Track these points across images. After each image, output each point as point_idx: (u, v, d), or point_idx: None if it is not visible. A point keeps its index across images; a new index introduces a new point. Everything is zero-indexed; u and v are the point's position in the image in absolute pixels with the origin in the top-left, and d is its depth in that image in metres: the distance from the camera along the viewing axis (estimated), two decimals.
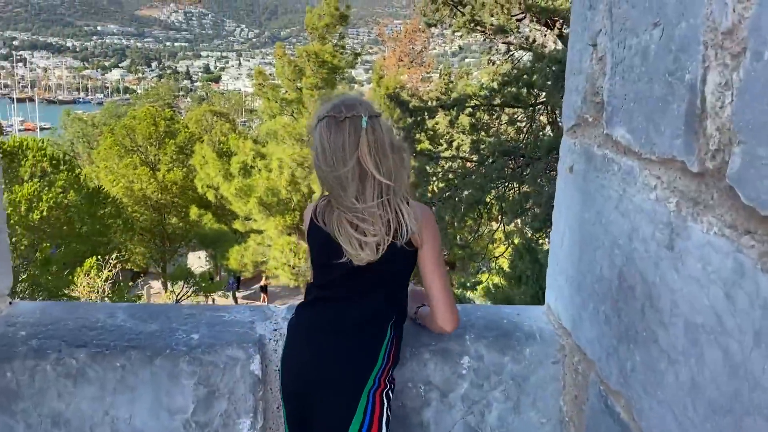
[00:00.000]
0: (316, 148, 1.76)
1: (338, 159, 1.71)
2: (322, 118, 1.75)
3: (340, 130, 1.72)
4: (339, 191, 1.71)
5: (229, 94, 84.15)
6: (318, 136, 1.75)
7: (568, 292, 1.91)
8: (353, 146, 1.71)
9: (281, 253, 20.33)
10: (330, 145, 1.72)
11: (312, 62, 20.44)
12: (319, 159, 1.74)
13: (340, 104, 1.76)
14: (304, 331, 1.80)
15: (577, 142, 1.89)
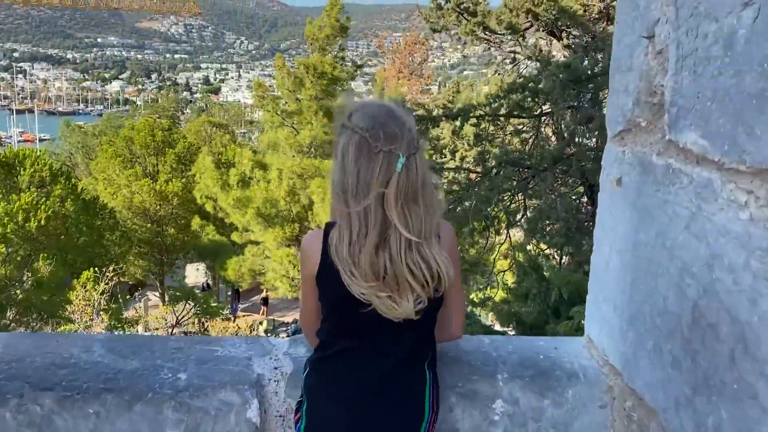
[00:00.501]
0: (338, 160, 1.52)
1: (360, 193, 1.47)
2: (355, 132, 1.50)
3: (370, 162, 1.47)
4: (357, 235, 1.47)
5: (228, 106, 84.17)
6: (342, 151, 1.51)
7: (617, 324, 1.64)
8: (380, 186, 1.46)
9: (280, 264, 20.07)
10: (354, 173, 1.48)
11: (312, 74, 20.30)
12: (338, 177, 1.51)
13: (379, 129, 1.50)
14: (335, 394, 1.54)
15: (627, 150, 1.63)
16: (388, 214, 1.45)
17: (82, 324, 14.88)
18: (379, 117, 1.52)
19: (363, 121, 1.51)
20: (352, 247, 1.46)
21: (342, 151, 1.50)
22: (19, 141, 75.52)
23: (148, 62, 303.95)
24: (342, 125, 1.54)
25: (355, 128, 1.50)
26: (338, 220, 1.50)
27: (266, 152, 21.24)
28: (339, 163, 1.50)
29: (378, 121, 1.51)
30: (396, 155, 1.47)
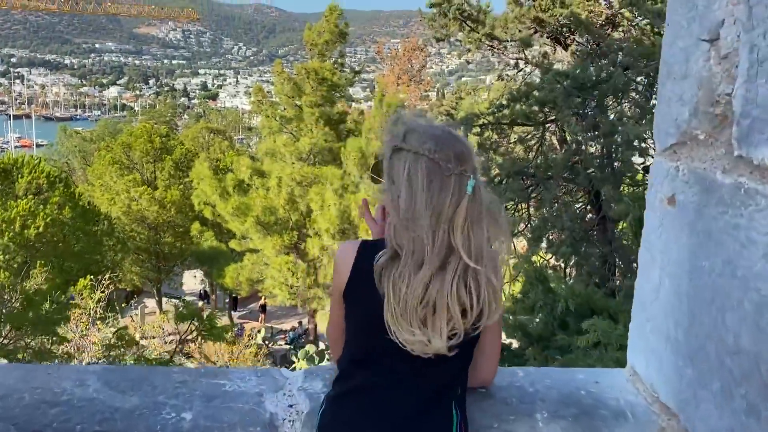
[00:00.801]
0: (403, 185, 1.39)
1: (430, 218, 1.34)
2: (422, 155, 1.38)
3: (442, 187, 1.36)
4: (415, 262, 1.35)
5: (226, 112, 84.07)
6: (409, 175, 1.38)
7: (671, 359, 1.48)
8: (450, 212, 1.36)
9: (279, 272, 19.90)
10: (424, 198, 1.36)
11: (311, 79, 20.18)
12: (405, 203, 1.37)
13: (449, 150, 1.39)
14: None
15: (683, 165, 1.47)
16: (453, 240, 1.35)
17: (77, 333, 14.68)
18: (444, 138, 1.42)
19: (428, 143, 1.39)
20: (405, 274, 1.34)
21: (408, 175, 1.37)
22: (16, 146, 75.38)
23: (145, 68, 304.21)
24: (396, 147, 1.42)
25: (421, 150, 1.38)
26: (390, 241, 1.38)
27: (264, 159, 21.09)
28: (406, 188, 1.37)
29: (445, 143, 1.41)
30: (466, 177, 1.38)
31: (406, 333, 1.33)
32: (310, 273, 19.91)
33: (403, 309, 1.32)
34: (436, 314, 1.33)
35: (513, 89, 9.88)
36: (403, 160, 1.39)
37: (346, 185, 17.69)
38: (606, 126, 8.54)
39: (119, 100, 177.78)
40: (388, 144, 1.46)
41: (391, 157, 1.43)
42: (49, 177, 22.81)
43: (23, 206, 20.11)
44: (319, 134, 19.48)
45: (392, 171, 1.41)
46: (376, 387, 1.41)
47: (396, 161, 1.41)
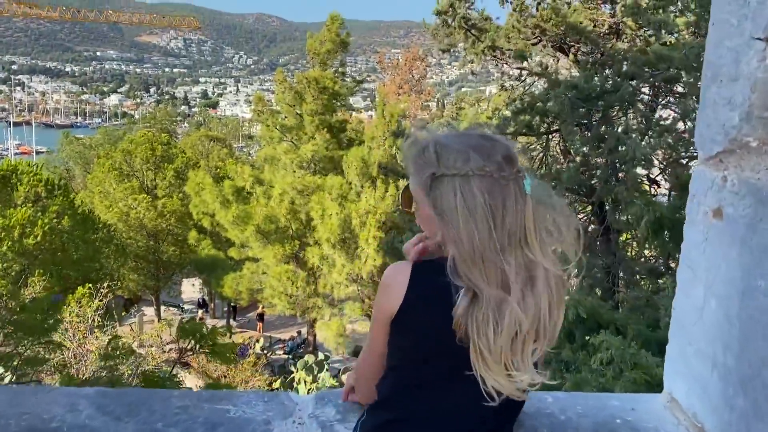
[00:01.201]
0: (452, 217, 1.24)
1: (495, 247, 1.20)
2: (470, 175, 1.23)
3: (505, 202, 1.22)
4: (494, 298, 1.21)
5: (226, 120, 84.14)
6: (466, 205, 1.23)
7: (718, 386, 1.35)
8: (520, 225, 1.22)
9: (278, 281, 19.75)
10: (488, 226, 1.21)
11: (312, 88, 20.14)
12: (459, 236, 1.22)
13: (496, 154, 1.26)
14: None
15: (731, 175, 1.35)
16: (531, 253, 1.22)
17: (75, 342, 14.51)
18: (484, 145, 1.29)
19: (472, 158, 1.25)
20: (490, 316, 1.20)
21: (465, 204, 1.22)
22: (15, 153, 75.28)
23: (146, 76, 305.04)
24: (436, 175, 1.26)
25: (469, 170, 1.23)
26: (463, 279, 1.23)
27: (264, 167, 21.00)
28: (464, 219, 1.21)
29: (489, 150, 1.27)
30: (522, 177, 1.25)
31: (500, 378, 1.21)
32: (310, 282, 19.76)
33: (496, 356, 1.20)
34: (526, 346, 1.22)
35: (519, 99, 9.78)
36: (451, 188, 1.24)
37: (346, 194, 17.58)
38: (612, 138, 8.43)
39: (120, 108, 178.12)
40: (421, 173, 1.30)
41: (432, 186, 1.27)
42: (47, 184, 22.69)
43: (22, 214, 20.01)
44: (320, 142, 19.40)
45: (440, 202, 1.25)
46: (427, 419, 1.30)
47: (442, 191, 1.25)
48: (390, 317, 1.31)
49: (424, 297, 1.26)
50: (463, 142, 1.29)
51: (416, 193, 1.34)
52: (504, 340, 1.19)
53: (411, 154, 1.34)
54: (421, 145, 1.32)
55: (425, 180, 1.28)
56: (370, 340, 1.41)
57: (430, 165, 1.27)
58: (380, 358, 1.38)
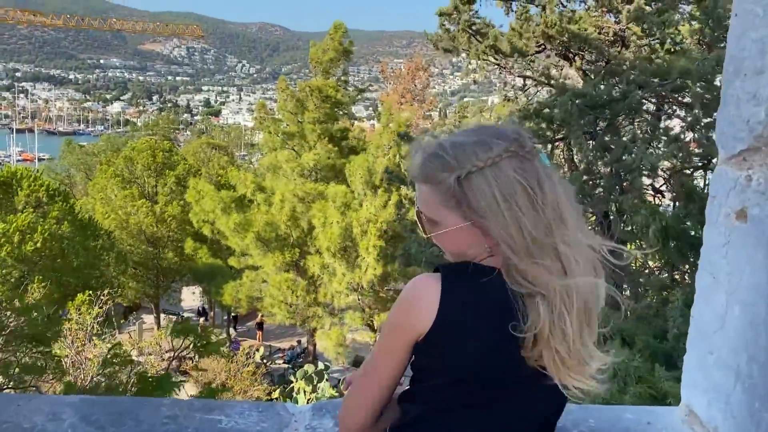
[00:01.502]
0: (494, 212, 1.14)
1: (548, 231, 1.13)
2: (501, 158, 1.15)
3: (537, 174, 1.15)
4: (556, 273, 1.13)
5: (228, 128, 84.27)
6: (500, 192, 1.14)
7: (742, 399, 1.26)
8: (554, 196, 1.16)
9: (278, 290, 19.65)
10: (532, 208, 1.13)
11: (315, 96, 20.15)
12: (508, 233, 1.13)
13: (508, 134, 1.19)
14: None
15: (757, 174, 1.27)
16: (569, 230, 1.16)
17: (73, 350, 14.42)
18: (490, 130, 1.22)
19: (493, 142, 1.17)
20: (557, 320, 1.12)
21: (506, 194, 1.13)
22: (18, 160, 75.35)
23: (149, 84, 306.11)
24: (461, 178, 1.16)
25: (495, 157, 1.15)
26: (525, 271, 1.14)
27: (266, 174, 20.96)
28: (507, 210, 1.13)
29: (498, 133, 1.20)
30: (537, 151, 1.19)
31: (580, 376, 1.14)
32: (310, 291, 19.66)
33: (576, 353, 1.13)
34: (591, 330, 1.16)
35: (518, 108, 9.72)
36: (484, 182, 1.15)
37: (349, 202, 17.51)
38: (618, 147, 8.36)
39: (122, 115, 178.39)
40: (443, 183, 1.19)
41: (462, 191, 1.16)
42: (48, 190, 22.66)
43: (22, 220, 19.97)
44: (321, 150, 19.37)
45: (477, 202, 1.15)
46: (478, 416, 1.19)
47: (474, 190, 1.15)
48: (414, 339, 1.17)
49: (464, 311, 1.13)
50: (475, 134, 1.21)
51: (438, 209, 1.21)
52: (576, 331, 1.12)
53: (425, 169, 1.23)
54: (433, 155, 1.22)
55: (451, 188, 1.17)
56: (374, 368, 1.25)
57: (453, 169, 1.17)
58: (388, 388, 1.24)
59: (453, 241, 1.21)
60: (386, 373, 1.22)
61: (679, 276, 7.37)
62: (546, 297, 1.11)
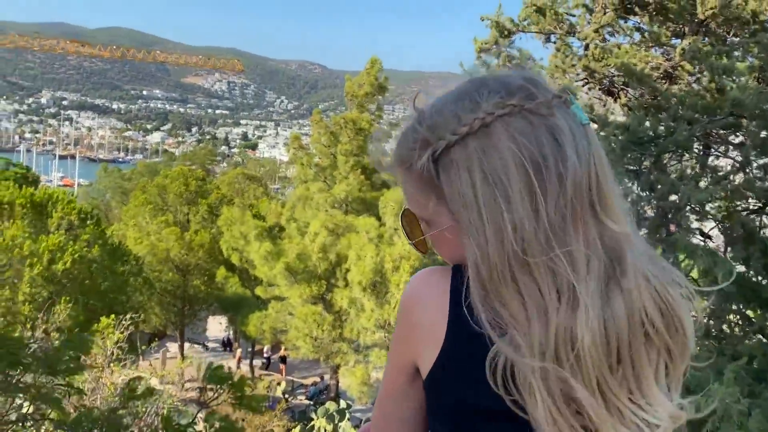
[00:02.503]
0: (479, 188, 0.78)
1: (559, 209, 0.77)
2: (488, 123, 0.79)
3: (553, 134, 0.78)
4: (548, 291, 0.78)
5: (264, 161, 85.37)
6: (489, 160, 0.78)
7: None
8: (586, 168, 0.79)
9: (303, 323, 19.34)
10: (538, 177, 0.77)
11: (349, 129, 20.16)
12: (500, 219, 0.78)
13: (510, 81, 0.82)
14: None
15: None
16: (610, 220, 0.78)
17: (93, 374, 14.20)
18: (484, 81, 0.84)
19: (478, 101, 0.81)
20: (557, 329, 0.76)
21: (489, 175, 0.78)
22: (58, 185, 77.17)
23: (189, 116, 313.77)
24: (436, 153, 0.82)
25: (481, 119, 0.79)
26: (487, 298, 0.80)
27: (296, 205, 20.89)
28: (488, 197, 0.78)
29: (495, 83, 0.83)
30: (568, 101, 0.81)
31: (620, 425, 0.77)
32: (336, 326, 19.29)
33: (613, 399, 0.77)
34: (638, 364, 0.78)
35: None
36: (464, 159, 0.80)
37: (381, 235, 17.26)
38: (665, 185, 7.87)
39: (161, 145, 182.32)
40: (415, 167, 0.85)
41: (438, 173, 0.83)
42: (80, 214, 22.90)
43: (53, 241, 20.20)
44: (353, 182, 19.25)
45: (452, 190, 0.81)
46: None
47: (451, 172, 0.81)
48: (413, 369, 0.87)
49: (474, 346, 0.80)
50: (461, 91, 0.85)
51: (425, 203, 0.88)
52: (598, 368, 0.76)
53: (398, 149, 0.89)
54: (409, 130, 0.87)
55: (425, 170, 0.83)
56: (381, 398, 0.96)
57: (428, 144, 0.83)
58: (402, 423, 0.92)
59: (449, 248, 0.89)
60: (392, 407, 0.93)
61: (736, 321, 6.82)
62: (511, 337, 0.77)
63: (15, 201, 20.20)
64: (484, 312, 0.78)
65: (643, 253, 0.81)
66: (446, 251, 0.90)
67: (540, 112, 0.78)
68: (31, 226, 22.03)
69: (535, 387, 0.75)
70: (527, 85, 0.80)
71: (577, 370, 0.75)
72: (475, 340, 0.79)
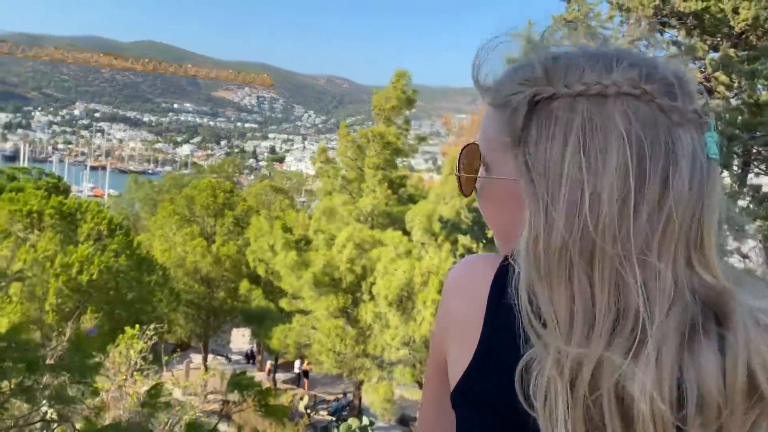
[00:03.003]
0: (568, 162, 0.66)
1: (651, 221, 0.64)
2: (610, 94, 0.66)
3: (673, 145, 0.65)
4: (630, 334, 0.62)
5: (290, 174, 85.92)
6: (595, 133, 0.65)
7: None
8: (696, 200, 0.65)
9: (327, 337, 19.21)
10: (640, 173, 0.64)
11: (375, 142, 20.10)
12: (566, 209, 0.65)
13: (658, 68, 0.68)
14: None
15: None
16: (705, 271, 0.64)
17: (116, 383, 14.21)
18: (635, 52, 0.71)
19: (612, 67, 0.68)
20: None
21: (589, 151, 0.65)
22: (89, 195, 78.45)
23: (219, 129, 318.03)
24: (536, 98, 0.70)
25: (607, 85, 0.67)
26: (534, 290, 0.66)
27: (322, 218, 20.86)
28: (575, 172, 0.65)
29: (643, 60, 0.69)
30: (704, 124, 0.67)
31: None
32: (359, 341, 19.11)
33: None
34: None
35: None
36: (565, 113, 0.67)
37: (410, 250, 17.12)
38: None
39: (191, 157, 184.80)
40: (508, 103, 0.72)
41: (528, 122, 0.69)
42: (110, 224, 23.10)
43: (82, 251, 20.38)
44: (380, 196, 19.16)
45: (533, 145, 0.68)
46: None
47: (541, 122, 0.68)
48: (443, 364, 0.78)
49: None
50: (599, 52, 0.72)
51: (494, 145, 0.76)
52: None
53: (501, 82, 0.75)
54: (524, 65, 0.74)
55: (517, 110, 0.70)
56: (421, 411, 0.87)
57: (533, 84, 0.70)
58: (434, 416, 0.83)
59: (496, 205, 0.79)
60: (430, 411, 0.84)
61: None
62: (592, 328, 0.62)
63: (44, 210, 20.43)
64: (530, 303, 0.64)
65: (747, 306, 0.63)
66: (491, 207, 0.80)
67: (670, 116, 0.65)
68: (60, 236, 22.31)
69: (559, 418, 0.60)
70: (674, 81, 0.67)
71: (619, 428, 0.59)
72: (517, 341, 0.65)
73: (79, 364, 13.22)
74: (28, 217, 20.69)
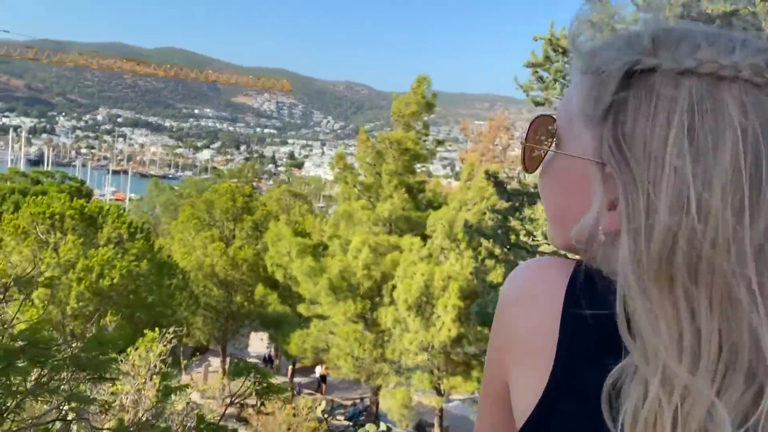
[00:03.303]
0: (671, 146, 0.56)
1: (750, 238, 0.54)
2: (724, 77, 0.57)
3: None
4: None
5: (309, 179, 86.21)
6: (705, 120, 0.55)
7: None
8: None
9: (345, 341, 19.18)
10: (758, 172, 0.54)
11: (394, 149, 20.08)
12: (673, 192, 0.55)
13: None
14: None
15: None
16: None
17: (135, 386, 14.26)
18: (748, 35, 0.61)
19: (732, 48, 0.59)
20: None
21: (698, 138, 0.56)
22: (110, 199, 79.25)
23: (238, 134, 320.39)
24: (635, 68, 0.61)
25: (721, 66, 0.57)
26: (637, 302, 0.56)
27: (340, 222, 20.86)
28: (679, 161, 0.56)
29: (758, 43, 0.60)
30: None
31: None
32: (377, 346, 19.04)
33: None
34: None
35: None
36: (672, 91, 0.57)
37: (431, 254, 17.07)
38: None
39: (210, 162, 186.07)
40: (601, 70, 0.63)
41: (622, 94, 0.61)
42: (130, 227, 23.25)
43: (102, 254, 20.50)
44: (397, 201, 19.12)
45: (630, 125, 0.59)
46: None
47: (642, 98, 0.59)
48: (505, 395, 0.65)
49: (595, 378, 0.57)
50: (720, 31, 0.62)
51: (569, 116, 0.68)
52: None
53: (601, 49, 0.65)
54: (632, 35, 0.64)
55: (608, 81, 0.61)
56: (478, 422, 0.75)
57: (638, 53, 0.60)
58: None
59: (564, 188, 0.69)
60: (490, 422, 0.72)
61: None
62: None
63: (66, 213, 20.61)
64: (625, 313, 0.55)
65: None
66: (554, 186, 0.70)
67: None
68: (82, 239, 22.51)
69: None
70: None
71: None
72: (603, 361, 0.56)
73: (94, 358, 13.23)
74: (51, 219, 20.87)
